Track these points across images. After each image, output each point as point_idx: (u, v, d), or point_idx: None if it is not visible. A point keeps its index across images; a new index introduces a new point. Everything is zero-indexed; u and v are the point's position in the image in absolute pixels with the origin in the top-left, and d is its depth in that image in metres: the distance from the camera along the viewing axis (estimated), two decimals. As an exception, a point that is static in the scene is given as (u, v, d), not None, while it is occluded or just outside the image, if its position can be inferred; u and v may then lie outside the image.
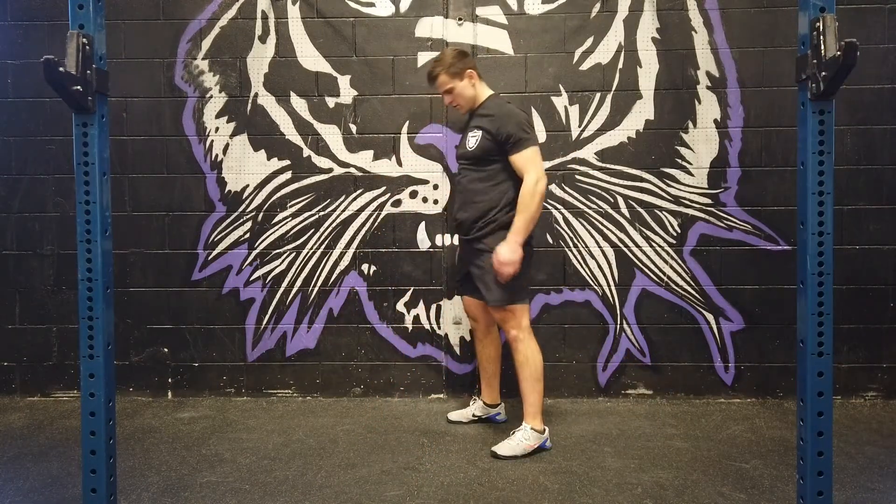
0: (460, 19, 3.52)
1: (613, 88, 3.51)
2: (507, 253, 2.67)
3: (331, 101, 3.57)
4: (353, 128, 3.57)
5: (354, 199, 3.58)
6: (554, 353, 3.56)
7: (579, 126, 3.53)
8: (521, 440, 2.76)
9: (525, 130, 2.74)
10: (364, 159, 3.57)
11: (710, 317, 3.52)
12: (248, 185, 3.60)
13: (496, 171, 2.80)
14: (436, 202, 3.55)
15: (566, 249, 3.54)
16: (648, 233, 3.52)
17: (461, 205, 2.91)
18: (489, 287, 2.79)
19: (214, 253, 3.61)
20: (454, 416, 3.21)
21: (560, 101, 3.52)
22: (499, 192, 2.80)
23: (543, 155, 3.50)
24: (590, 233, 3.53)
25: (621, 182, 3.52)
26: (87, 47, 1.74)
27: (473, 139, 2.83)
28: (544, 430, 2.81)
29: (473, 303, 3.04)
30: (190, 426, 3.17)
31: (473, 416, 3.19)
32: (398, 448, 2.86)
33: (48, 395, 3.65)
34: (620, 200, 3.52)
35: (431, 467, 2.65)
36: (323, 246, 3.59)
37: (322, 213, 3.59)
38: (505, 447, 2.75)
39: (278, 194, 3.59)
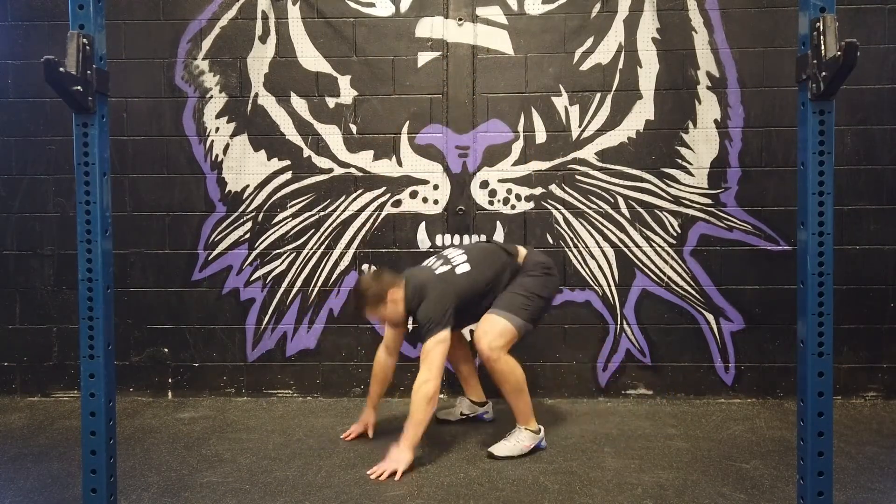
0: (460, 19, 3.52)
1: (614, 88, 3.51)
2: (397, 456, 2.57)
3: (331, 102, 3.57)
4: (354, 128, 3.57)
5: (354, 199, 3.58)
6: (554, 353, 3.56)
7: (579, 126, 3.53)
8: (517, 440, 2.76)
9: (426, 322, 2.65)
10: (364, 159, 3.57)
11: (710, 317, 3.52)
12: (248, 186, 3.60)
13: (480, 289, 2.78)
14: (436, 202, 3.55)
15: (566, 249, 3.54)
16: (648, 233, 3.52)
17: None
18: (510, 296, 2.77)
19: (215, 253, 3.61)
20: (442, 415, 3.21)
21: (560, 102, 3.52)
22: (492, 284, 2.80)
23: (544, 155, 3.52)
24: (590, 233, 3.53)
25: (621, 182, 3.52)
26: (88, 47, 1.74)
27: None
28: (539, 429, 2.81)
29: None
30: (190, 426, 3.17)
31: (461, 414, 3.19)
32: (398, 448, 2.85)
33: (48, 396, 3.65)
34: (620, 200, 3.52)
35: (431, 467, 2.65)
36: (323, 246, 3.59)
37: (322, 214, 3.59)
38: (501, 448, 2.74)
39: (278, 194, 3.59)
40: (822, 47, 1.66)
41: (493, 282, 2.82)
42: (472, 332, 3.01)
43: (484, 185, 3.54)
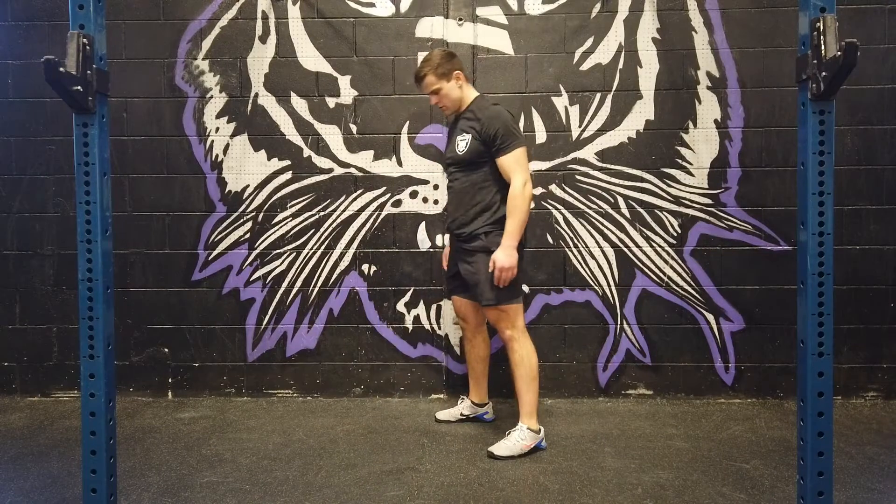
0: (460, 19, 3.52)
1: (614, 88, 3.51)
2: (505, 258, 2.67)
3: (331, 102, 3.57)
4: (354, 128, 3.57)
5: (355, 199, 3.58)
6: (554, 353, 3.56)
7: (579, 126, 3.53)
8: (517, 440, 2.76)
9: (512, 132, 2.72)
10: (364, 159, 3.57)
11: (710, 317, 3.52)
12: (248, 186, 3.60)
13: (487, 174, 2.80)
14: (436, 202, 3.55)
15: (566, 249, 3.54)
16: (649, 233, 3.52)
17: (454, 207, 2.91)
18: (482, 288, 2.79)
19: (215, 253, 3.61)
20: (442, 415, 3.21)
21: (560, 102, 3.52)
22: (490, 193, 2.80)
23: (544, 155, 3.52)
24: (590, 233, 3.53)
25: (621, 182, 3.52)
26: (88, 47, 1.74)
27: (463, 142, 2.82)
28: (540, 429, 2.81)
29: (464, 303, 3.04)
30: (190, 426, 3.17)
31: (462, 415, 3.19)
32: (398, 448, 2.86)
33: (48, 395, 3.65)
34: (621, 200, 3.52)
35: (431, 467, 2.65)
36: (323, 246, 3.59)
37: (322, 214, 3.59)
38: (501, 447, 2.75)
39: (278, 194, 3.59)
40: (823, 47, 1.66)
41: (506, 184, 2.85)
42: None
43: (484, 185, 3.53)
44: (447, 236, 3.55)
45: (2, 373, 3.66)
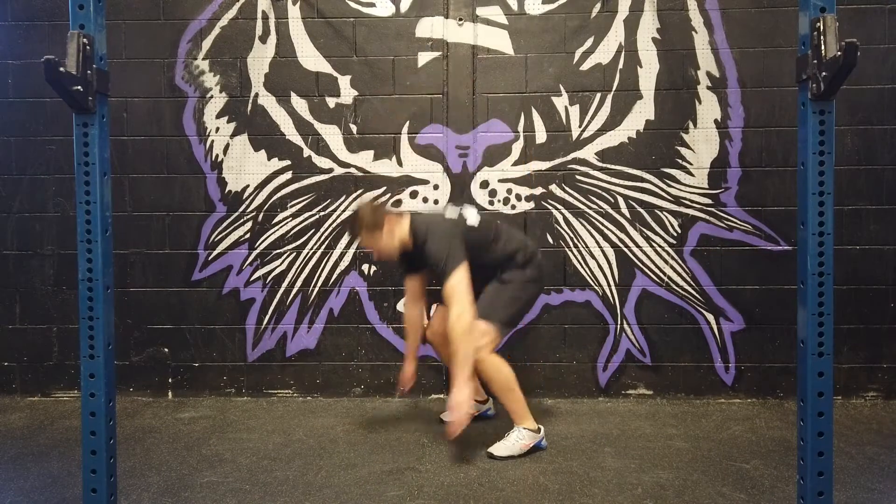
0: (460, 19, 3.52)
1: (614, 88, 3.51)
2: (457, 403, 2.55)
3: (331, 102, 3.57)
4: (354, 128, 3.57)
5: (355, 199, 3.57)
6: (554, 353, 3.56)
7: (580, 126, 3.52)
8: (515, 440, 2.76)
9: (444, 257, 2.63)
10: (364, 159, 3.57)
11: (710, 317, 3.52)
12: (248, 186, 3.60)
13: (479, 254, 2.76)
14: (436, 202, 3.55)
15: (566, 249, 3.54)
16: (649, 233, 3.52)
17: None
18: (494, 296, 2.77)
19: (215, 253, 3.61)
20: (446, 416, 3.20)
21: (560, 102, 3.52)
22: (494, 255, 2.81)
23: (544, 155, 3.52)
24: (590, 233, 3.53)
25: (621, 182, 3.52)
26: (88, 47, 1.74)
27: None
28: (539, 428, 2.81)
29: (441, 314, 2.98)
30: (190, 426, 3.17)
31: None
32: (398, 448, 2.86)
33: (48, 395, 3.65)
34: (621, 200, 3.52)
35: (431, 467, 2.65)
36: (323, 246, 3.59)
37: (322, 214, 3.59)
38: (500, 448, 2.75)
39: (279, 194, 3.59)
40: (823, 47, 1.66)
41: (493, 245, 2.82)
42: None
43: (484, 185, 3.54)
44: None
45: (2, 373, 3.66)
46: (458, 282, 2.62)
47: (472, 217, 2.84)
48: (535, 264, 2.87)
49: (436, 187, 3.55)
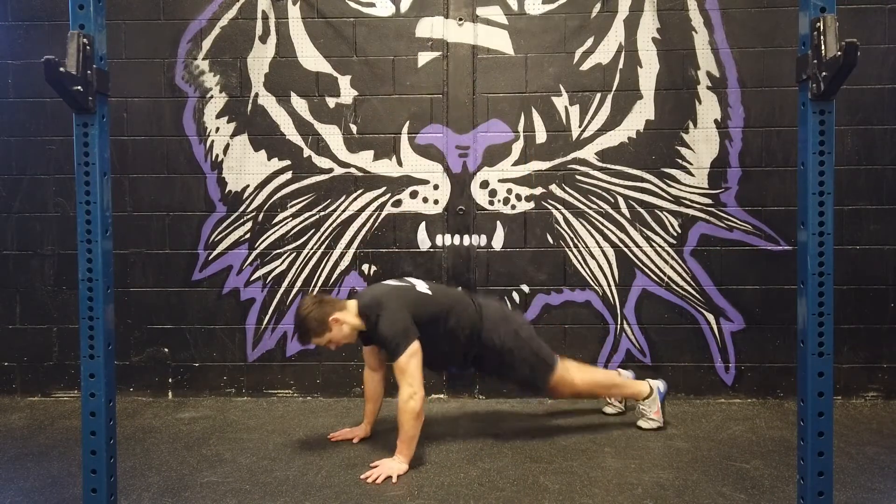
0: (460, 19, 3.52)
1: (614, 88, 3.51)
2: (392, 465, 2.57)
3: (331, 102, 3.57)
4: (354, 128, 3.57)
5: (355, 199, 3.57)
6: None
7: (580, 126, 3.52)
8: (645, 412, 2.99)
9: (395, 337, 2.62)
10: (364, 159, 3.57)
11: (710, 317, 3.52)
12: (248, 186, 3.60)
13: (437, 313, 2.77)
14: (436, 202, 3.55)
15: (566, 249, 3.54)
16: (649, 233, 3.52)
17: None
18: (518, 364, 2.85)
19: (215, 253, 3.61)
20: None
21: (560, 102, 3.52)
22: (451, 339, 2.81)
23: (544, 155, 3.52)
24: (590, 233, 3.53)
25: (622, 182, 3.52)
26: (88, 47, 1.74)
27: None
28: (651, 389, 3.02)
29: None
30: (190, 426, 3.17)
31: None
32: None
33: (49, 395, 3.65)
34: (621, 200, 3.52)
35: (431, 467, 2.65)
36: (323, 246, 3.59)
37: (322, 214, 3.59)
38: (643, 423, 2.96)
39: (279, 194, 3.59)
40: (823, 47, 1.66)
41: (449, 312, 2.79)
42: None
43: (484, 185, 3.54)
44: (449, 237, 3.54)
45: (2, 373, 3.66)
46: (408, 362, 2.60)
47: (421, 285, 2.84)
48: (496, 310, 2.94)
49: (436, 187, 3.55)
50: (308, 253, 3.60)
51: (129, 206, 3.61)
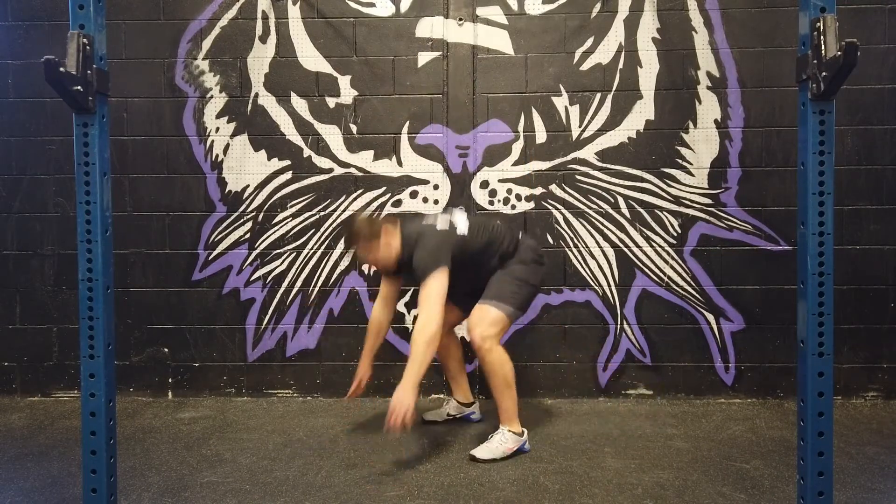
0: (460, 19, 3.52)
1: (614, 88, 3.51)
2: (398, 399, 2.51)
3: (331, 102, 3.57)
4: (354, 128, 3.57)
5: (355, 199, 3.58)
6: (554, 353, 3.56)
7: (580, 126, 3.53)
8: (499, 443, 2.72)
9: (427, 261, 2.64)
10: (364, 159, 3.57)
11: (710, 317, 3.52)
12: (248, 186, 3.60)
13: (476, 250, 2.79)
14: (436, 202, 3.55)
15: (566, 249, 3.54)
16: (649, 233, 3.52)
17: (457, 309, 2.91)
18: (497, 284, 2.77)
19: (215, 253, 3.61)
20: (429, 416, 3.20)
21: (560, 102, 3.52)
22: (493, 256, 2.82)
23: (544, 155, 3.52)
24: (590, 233, 3.53)
25: (622, 182, 3.52)
26: (88, 47, 1.74)
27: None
28: (522, 432, 2.78)
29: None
30: (190, 426, 3.17)
31: (448, 415, 3.19)
32: (398, 448, 2.86)
33: (48, 395, 3.65)
34: (621, 200, 3.52)
35: (431, 467, 2.65)
36: (323, 246, 3.59)
37: (322, 214, 3.59)
38: (483, 450, 2.72)
39: (279, 194, 3.59)
40: (823, 47, 1.66)
41: (487, 249, 2.82)
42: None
43: (484, 185, 3.54)
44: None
45: (2, 373, 3.66)
46: (433, 289, 2.61)
47: (461, 225, 2.83)
48: (530, 248, 2.88)
49: (436, 187, 3.55)
50: (308, 253, 3.60)
51: (129, 206, 3.61)
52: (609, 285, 3.54)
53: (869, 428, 3.09)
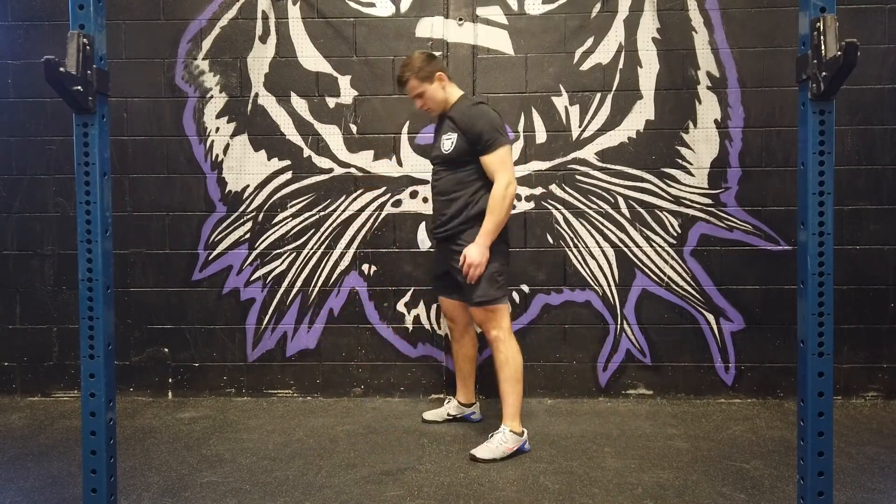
0: (460, 19, 3.52)
1: (614, 88, 3.51)
2: (476, 255, 2.71)
3: (331, 102, 3.57)
4: (354, 128, 3.57)
5: (355, 199, 3.58)
6: (554, 353, 3.56)
7: (580, 126, 3.53)
8: (499, 442, 2.73)
9: (497, 130, 2.74)
10: (364, 159, 3.57)
11: (710, 317, 3.52)
12: (248, 186, 3.60)
13: (471, 172, 2.81)
14: (436, 202, 3.54)
15: (566, 249, 3.54)
16: (649, 233, 3.52)
17: (438, 206, 2.93)
18: (470, 286, 2.79)
19: (215, 253, 3.61)
20: (429, 415, 3.20)
21: (560, 102, 3.52)
22: (471, 191, 2.81)
23: (544, 155, 3.52)
24: (590, 233, 3.53)
25: (622, 182, 3.52)
26: (88, 47, 1.74)
27: (448, 141, 2.83)
28: (523, 432, 2.79)
29: (451, 304, 3.05)
30: (190, 426, 3.17)
31: (448, 415, 3.19)
32: (398, 448, 2.86)
33: (49, 395, 3.65)
34: (621, 200, 3.52)
35: (431, 467, 2.65)
36: (323, 246, 3.59)
37: (322, 214, 3.59)
38: (484, 450, 2.72)
39: (279, 194, 3.59)
40: (823, 47, 1.66)
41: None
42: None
43: (484, 185, 3.53)
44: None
45: (2, 373, 3.66)
46: (505, 156, 2.73)
47: None
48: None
49: (436, 187, 3.54)
50: (308, 253, 3.60)
51: (129, 206, 3.61)
52: (609, 285, 3.54)
53: (869, 428, 3.09)
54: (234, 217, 3.60)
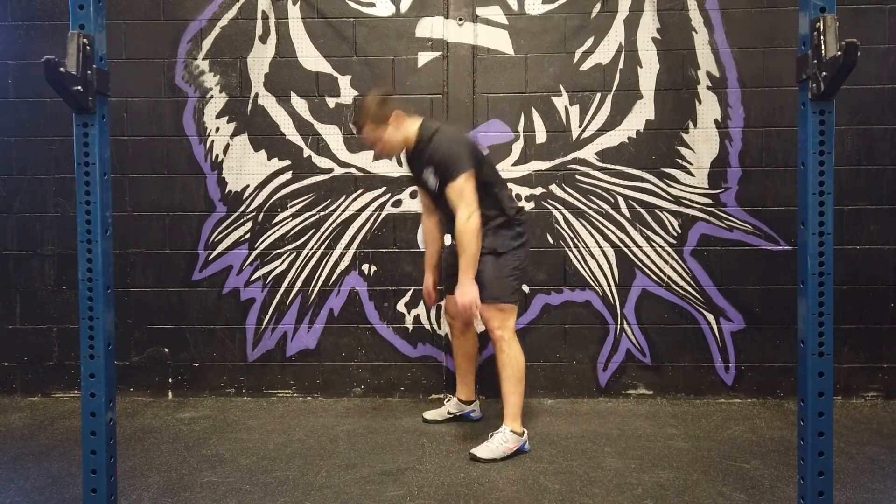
0: (460, 19, 3.52)
1: (614, 88, 3.51)
2: (464, 295, 2.66)
3: (331, 102, 3.57)
4: (354, 128, 3.56)
5: (355, 199, 3.58)
6: (554, 353, 3.56)
7: (580, 126, 3.53)
8: (500, 442, 2.72)
9: (454, 159, 2.67)
10: (364, 159, 3.57)
11: (710, 317, 3.52)
12: (248, 186, 3.60)
13: (484, 188, 2.77)
14: (436, 202, 3.54)
15: (566, 249, 3.54)
16: (649, 233, 3.52)
17: (445, 220, 2.94)
18: (482, 284, 2.78)
19: (215, 253, 3.61)
20: (430, 415, 3.20)
21: (560, 102, 3.52)
22: (499, 199, 2.82)
23: (544, 155, 3.52)
24: (590, 233, 3.53)
25: (622, 182, 3.52)
26: (88, 47, 1.74)
27: (431, 177, 2.78)
28: (523, 432, 2.79)
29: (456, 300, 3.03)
30: (190, 426, 3.17)
31: (448, 413, 3.19)
32: (398, 448, 2.86)
33: (48, 395, 3.65)
34: (621, 200, 3.52)
35: (431, 467, 2.65)
36: (323, 246, 3.59)
37: (322, 214, 3.59)
38: (484, 450, 2.72)
39: (279, 194, 3.59)
40: (823, 47, 1.66)
41: (497, 185, 2.84)
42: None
43: (484, 185, 3.53)
44: (449, 237, 3.55)
45: (2, 373, 3.66)
46: (465, 184, 2.65)
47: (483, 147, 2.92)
48: (522, 224, 2.89)
49: (436, 187, 3.54)
50: (308, 253, 3.60)
51: (129, 206, 3.61)
52: (609, 285, 3.54)
53: (869, 428, 3.09)
54: (234, 217, 3.60)
